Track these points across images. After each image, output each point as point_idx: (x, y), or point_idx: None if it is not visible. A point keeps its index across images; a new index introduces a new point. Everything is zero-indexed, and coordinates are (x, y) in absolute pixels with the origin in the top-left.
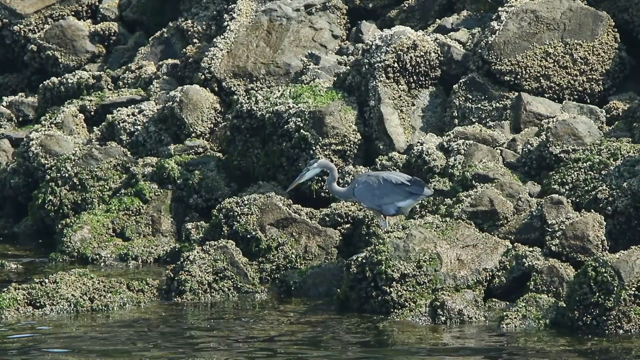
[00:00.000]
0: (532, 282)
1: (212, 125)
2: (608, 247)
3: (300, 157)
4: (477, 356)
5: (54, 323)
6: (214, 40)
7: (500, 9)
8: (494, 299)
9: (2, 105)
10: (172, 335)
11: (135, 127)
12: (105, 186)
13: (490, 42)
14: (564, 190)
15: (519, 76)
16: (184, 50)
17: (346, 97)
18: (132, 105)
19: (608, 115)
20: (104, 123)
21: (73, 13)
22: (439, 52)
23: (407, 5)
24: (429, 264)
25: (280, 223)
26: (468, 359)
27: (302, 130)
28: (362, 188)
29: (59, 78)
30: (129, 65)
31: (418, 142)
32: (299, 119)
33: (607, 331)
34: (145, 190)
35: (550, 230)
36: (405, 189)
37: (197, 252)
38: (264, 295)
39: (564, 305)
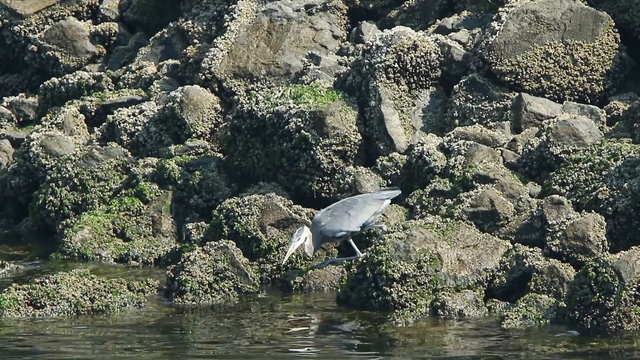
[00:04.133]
0: (533, 283)
1: (212, 125)
2: (608, 248)
3: (301, 158)
4: (478, 356)
5: (55, 323)
6: (215, 40)
7: (500, 9)
8: (494, 299)
9: (3, 106)
10: (172, 336)
11: (136, 127)
12: (106, 186)
13: (490, 42)
14: (565, 191)
15: (519, 76)
16: (185, 50)
17: (347, 98)
18: (133, 106)
19: (608, 116)
20: (104, 123)
21: (73, 13)
22: (439, 52)
23: (407, 6)
24: (429, 264)
25: (281, 223)
26: (468, 358)
27: (302, 131)
28: (332, 221)
29: (60, 78)
30: (130, 65)
31: (418, 142)
32: (300, 120)
33: (607, 331)
34: (146, 190)
35: (550, 230)
36: (375, 197)
37: (198, 253)
38: (265, 295)
39: (565, 305)
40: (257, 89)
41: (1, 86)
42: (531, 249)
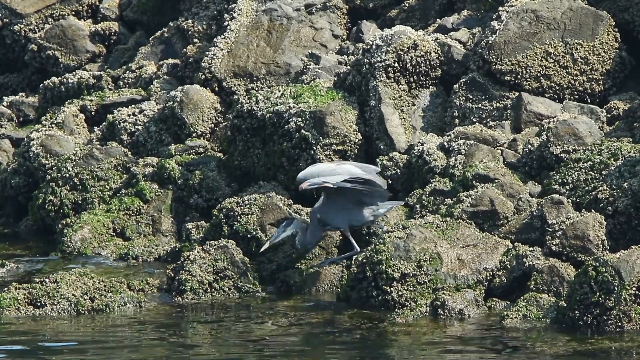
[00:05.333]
0: (533, 282)
1: (212, 125)
2: (608, 247)
3: (301, 157)
4: (478, 356)
5: (55, 323)
6: (215, 40)
7: (500, 8)
8: (494, 299)
9: (3, 105)
10: (172, 335)
11: (136, 127)
12: (106, 186)
13: (490, 41)
14: (565, 190)
15: (519, 76)
16: (185, 50)
17: (347, 97)
18: (133, 105)
19: (608, 115)
20: (104, 123)
21: (73, 13)
22: (439, 52)
23: (407, 5)
24: (429, 264)
25: (281, 223)
26: (468, 358)
27: (302, 130)
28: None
29: (60, 78)
30: (130, 65)
31: (418, 142)
32: (300, 119)
33: (607, 331)
34: (146, 190)
35: (550, 230)
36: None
37: (198, 252)
38: (265, 294)
39: (565, 304)
40: (257, 89)
41: (1, 86)
42: (531, 249)
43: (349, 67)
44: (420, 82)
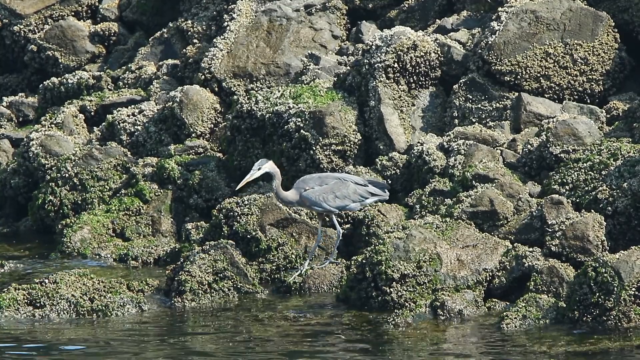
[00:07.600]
0: (532, 283)
1: (212, 125)
2: (608, 248)
3: (300, 158)
4: (477, 356)
5: (54, 323)
6: (214, 40)
7: (500, 9)
8: (494, 299)
9: (2, 106)
10: (171, 336)
11: (136, 127)
12: (106, 186)
13: (490, 42)
14: (564, 191)
15: (519, 76)
16: (184, 50)
17: (346, 98)
18: (132, 106)
19: (608, 116)
20: (104, 123)
21: (73, 13)
22: (439, 52)
23: (407, 6)
24: (429, 264)
25: (281, 223)
26: (468, 359)
27: (302, 131)
28: (316, 192)
29: (59, 78)
30: (129, 65)
31: (418, 142)
32: (299, 119)
33: (607, 331)
34: (146, 190)
35: (550, 230)
36: (367, 190)
37: (197, 253)
38: (264, 295)
39: (564, 305)
40: (256, 89)
41: (1, 86)
42: (531, 249)
43: (348, 67)
44: (419, 83)
